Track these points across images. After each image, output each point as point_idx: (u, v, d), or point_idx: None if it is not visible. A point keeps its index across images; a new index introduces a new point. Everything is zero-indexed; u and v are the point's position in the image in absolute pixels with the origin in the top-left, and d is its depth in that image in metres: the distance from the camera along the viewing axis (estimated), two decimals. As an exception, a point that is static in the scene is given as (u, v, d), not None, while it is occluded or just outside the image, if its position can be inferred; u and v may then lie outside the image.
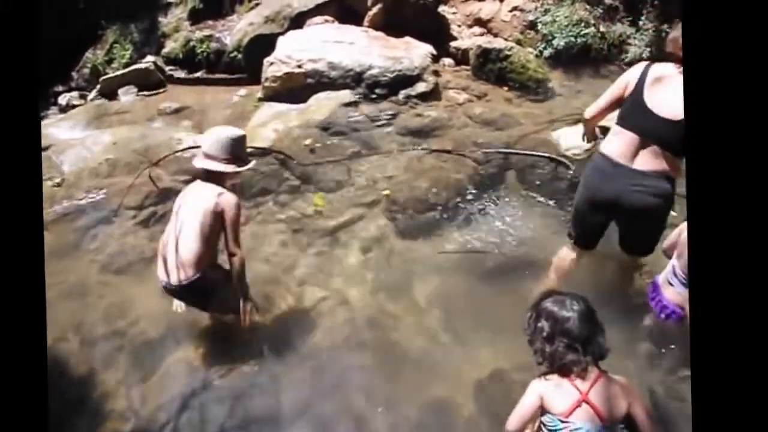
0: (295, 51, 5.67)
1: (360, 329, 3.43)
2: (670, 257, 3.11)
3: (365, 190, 4.18)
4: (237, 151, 2.98)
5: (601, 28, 6.23)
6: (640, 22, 6.20)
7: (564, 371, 2.23)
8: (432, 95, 5.16)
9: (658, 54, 5.84)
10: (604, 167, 3.00)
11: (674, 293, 3.05)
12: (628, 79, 2.94)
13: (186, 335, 3.29)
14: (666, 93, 2.76)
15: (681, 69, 2.76)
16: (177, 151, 4.78)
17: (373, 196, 4.17)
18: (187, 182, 3.08)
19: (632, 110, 2.88)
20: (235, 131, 3.03)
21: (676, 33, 2.92)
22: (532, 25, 6.40)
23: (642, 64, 2.93)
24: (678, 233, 3.03)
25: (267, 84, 5.68)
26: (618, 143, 2.95)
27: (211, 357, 3.15)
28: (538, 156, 4.45)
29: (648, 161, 2.89)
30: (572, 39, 6.01)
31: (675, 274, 3.03)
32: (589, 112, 3.18)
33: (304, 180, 4.42)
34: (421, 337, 3.41)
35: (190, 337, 3.27)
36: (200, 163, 2.96)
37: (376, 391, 3.10)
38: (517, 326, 2.53)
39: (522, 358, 2.74)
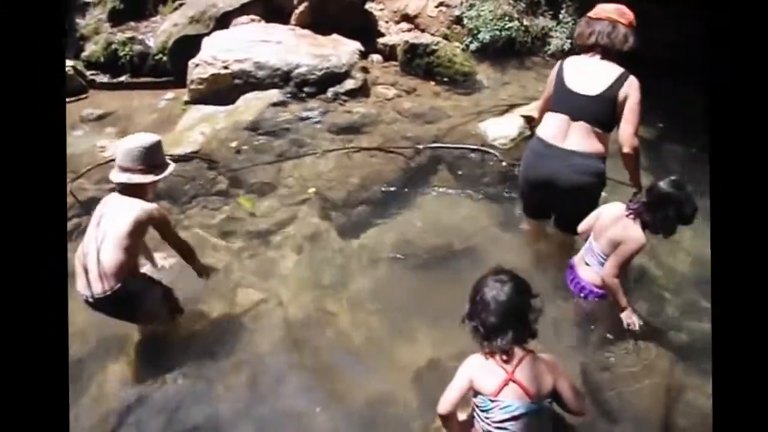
0: (220, 52, 5.58)
1: (297, 329, 3.41)
2: (585, 240, 3.25)
3: (296, 190, 4.15)
4: (152, 158, 2.88)
5: (525, 22, 6.40)
6: (561, 16, 6.41)
7: (491, 351, 2.30)
8: (361, 92, 5.17)
9: (578, 46, 6.05)
10: (539, 148, 3.27)
11: (591, 273, 3.20)
12: (551, 78, 3.30)
13: (116, 350, 3.18)
14: (584, 76, 3.12)
15: (591, 56, 3.17)
16: (100, 164, 4.62)
17: (304, 195, 4.15)
18: (113, 190, 2.98)
19: (558, 96, 3.19)
20: (147, 138, 2.91)
21: (579, 28, 3.27)
22: (458, 20, 6.51)
23: (558, 63, 3.29)
24: (595, 217, 3.18)
25: (193, 86, 5.56)
26: (550, 126, 3.22)
27: (144, 370, 3.06)
28: (466, 148, 4.53)
29: (579, 141, 3.15)
30: (497, 33, 6.14)
31: (593, 255, 3.17)
32: (537, 114, 3.52)
33: (233, 183, 4.35)
34: (359, 333, 3.42)
35: (120, 352, 3.17)
36: (116, 177, 2.85)
37: (316, 390, 3.09)
38: (451, 315, 2.58)
39: (457, 345, 2.80)
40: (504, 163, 4.45)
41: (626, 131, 3.08)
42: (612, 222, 3.08)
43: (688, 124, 4.90)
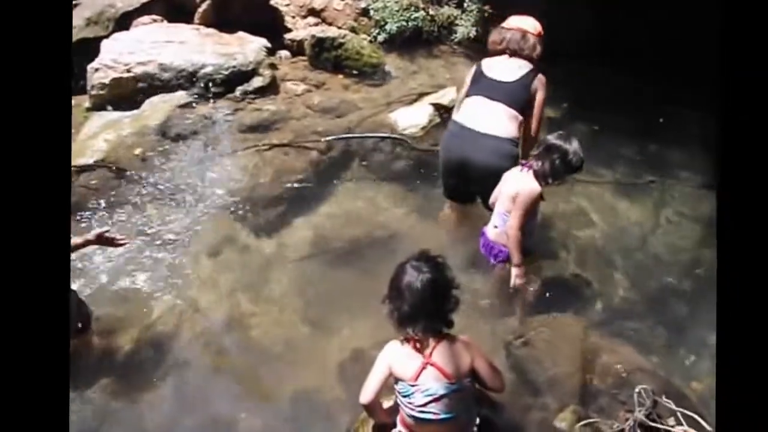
0: (122, 54, 5.35)
1: (218, 334, 3.38)
2: (492, 209, 3.41)
3: (208, 193, 4.07)
4: None
5: (431, 12, 6.47)
6: (465, 4, 6.51)
7: (408, 337, 2.34)
8: (269, 89, 5.11)
9: (483, 33, 6.19)
10: (455, 131, 3.48)
11: (499, 233, 3.35)
12: (468, 77, 3.59)
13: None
14: (501, 67, 3.44)
15: (504, 57, 3.49)
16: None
17: (216, 197, 4.08)
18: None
19: (476, 83, 3.47)
20: None
21: (492, 37, 3.62)
22: (364, 12, 6.52)
23: (474, 65, 3.60)
24: (500, 186, 3.33)
25: (94, 92, 5.32)
26: (467, 110, 3.45)
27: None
28: (377, 137, 4.58)
29: (494, 124, 3.35)
30: (404, 23, 6.19)
31: (499, 216, 3.33)
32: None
33: (142, 190, 4.22)
34: (281, 331, 3.42)
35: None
36: None
37: (242, 393, 3.07)
38: (372, 304, 2.61)
39: (378, 334, 2.84)
40: (416, 152, 4.52)
41: (532, 124, 3.49)
42: (510, 180, 3.29)
43: (593, 103, 5.16)
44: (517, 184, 3.23)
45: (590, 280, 3.84)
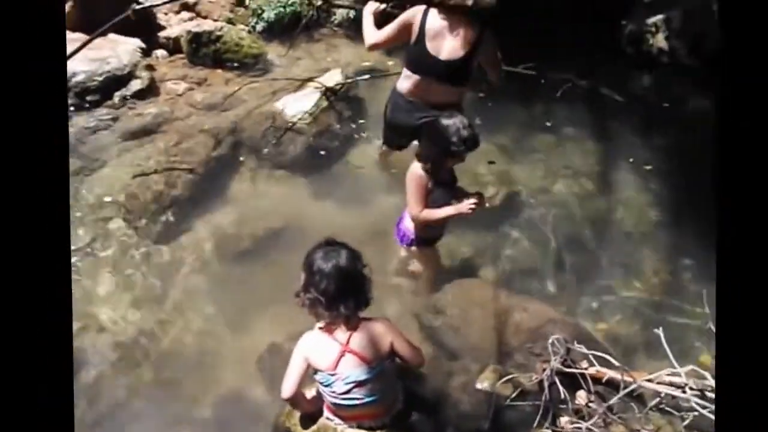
0: (-20, 72, 4.98)
1: (129, 349, 3.28)
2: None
3: (97, 206, 3.90)
4: None
5: (307, -5, 6.43)
6: (341, -15, 6.52)
7: (328, 324, 2.35)
8: (149, 91, 4.91)
9: (359, 15, 6.21)
10: (401, 103, 3.62)
11: (409, 220, 3.39)
12: (411, 23, 3.41)
13: None
14: (443, 41, 3.34)
15: (450, 18, 3.33)
16: None
17: (106, 210, 3.91)
18: None
19: (419, 58, 3.42)
20: None
21: None
22: (240, 2, 6.37)
23: (419, 12, 3.40)
24: None
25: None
26: (411, 84, 3.52)
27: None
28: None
29: (437, 95, 3.48)
30: (281, 10, 6.11)
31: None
32: (371, 41, 3.60)
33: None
34: (195, 337, 3.37)
35: None
36: None
37: (163, 406, 3.01)
38: (283, 296, 2.61)
39: (293, 325, 2.85)
40: (305, 137, 4.51)
41: (493, 75, 3.67)
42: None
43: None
44: (408, 171, 3.22)
45: (492, 243, 4.01)
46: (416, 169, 3.16)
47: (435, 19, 3.36)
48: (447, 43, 3.35)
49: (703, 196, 4.28)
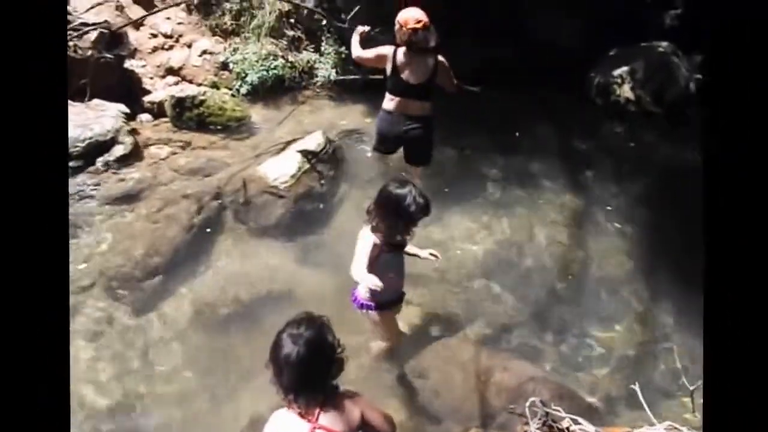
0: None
1: (108, 421, 3.23)
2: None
3: (77, 276, 3.86)
4: None
5: (290, 58, 6.58)
6: (323, 48, 6.68)
7: (290, 404, 2.30)
8: (132, 156, 4.93)
9: (343, 73, 6.41)
10: (387, 118, 4.65)
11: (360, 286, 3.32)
12: (385, 56, 4.53)
13: None
14: (411, 68, 4.45)
15: (411, 51, 4.42)
16: None
17: (88, 278, 3.89)
18: None
19: (396, 84, 4.52)
20: None
21: (396, 33, 4.45)
22: (224, 66, 6.49)
23: (390, 51, 4.52)
24: None
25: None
26: (393, 103, 4.56)
27: None
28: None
29: (412, 109, 4.55)
30: (264, 73, 6.24)
31: None
32: (355, 54, 4.77)
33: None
34: (178, 408, 3.31)
35: None
36: None
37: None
38: (262, 366, 2.57)
39: (275, 396, 2.80)
40: (287, 200, 4.54)
41: (449, 84, 4.65)
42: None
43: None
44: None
45: (473, 300, 4.01)
46: (363, 233, 3.17)
47: (403, 56, 4.47)
48: (414, 72, 4.47)
49: (678, 241, 4.41)
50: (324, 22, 6.67)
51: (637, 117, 6.49)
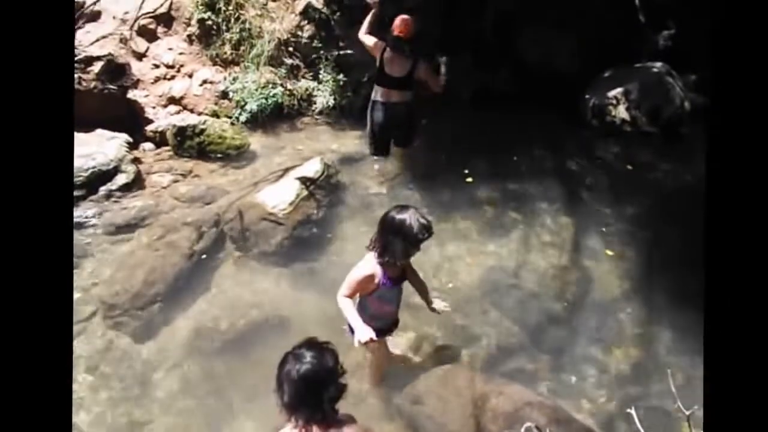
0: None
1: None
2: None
3: (79, 304, 3.91)
4: None
5: (288, 86, 6.70)
6: (321, 75, 6.81)
7: (294, 427, 2.34)
8: (135, 184, 5.03)
9: (341, 101, 6.53)
10: (378, 107, 5.49)
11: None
12: (381, 47, 5.36)
13: None
14: (394, 66, 5.30)
15: (394, 52, 5.30)
16: None
17: (89, 307, 3.94)
18: None
19: (382, 77, 5.40)
20: None
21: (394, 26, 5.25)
22: (224, 95, 6.61)
23: (382, 46, 5.35)
24: None
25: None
26: (381, 93, 5.45)
27: None
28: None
29: (398, 97, 5.41)
30: (263, 101, 6.36)
31: None
32: (362, 35, 5.48)
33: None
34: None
35: None
36: None
37: None
38: (266, 389, 2.59)
39: (278, 421, 2.82)
40: (286, 227, 4.58)
41: (434, 85, 5.50)
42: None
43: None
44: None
45: (469, 324, 4.02)
46: (370, 263, 3.16)
47: (389, 54, 5.31)
48: (396, 67, 5.30)
49: (675, 262, 4.42)
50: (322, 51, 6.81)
51: (633, 137, 6.57)
